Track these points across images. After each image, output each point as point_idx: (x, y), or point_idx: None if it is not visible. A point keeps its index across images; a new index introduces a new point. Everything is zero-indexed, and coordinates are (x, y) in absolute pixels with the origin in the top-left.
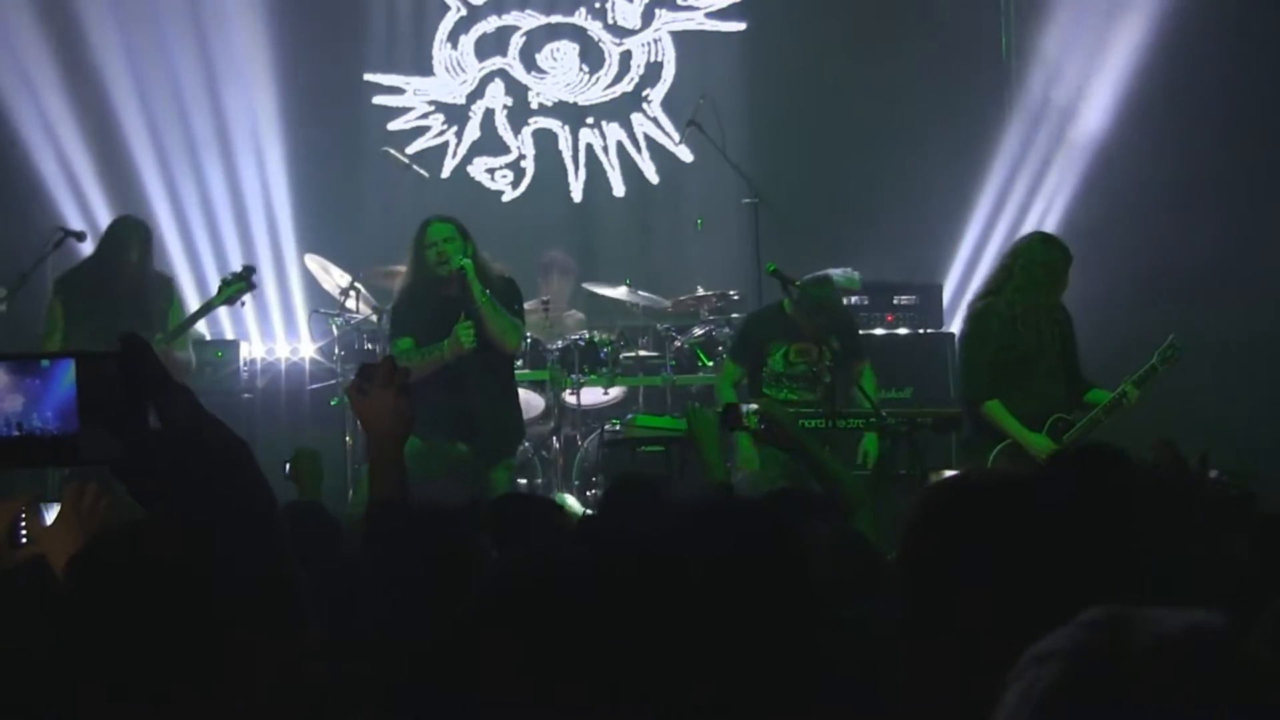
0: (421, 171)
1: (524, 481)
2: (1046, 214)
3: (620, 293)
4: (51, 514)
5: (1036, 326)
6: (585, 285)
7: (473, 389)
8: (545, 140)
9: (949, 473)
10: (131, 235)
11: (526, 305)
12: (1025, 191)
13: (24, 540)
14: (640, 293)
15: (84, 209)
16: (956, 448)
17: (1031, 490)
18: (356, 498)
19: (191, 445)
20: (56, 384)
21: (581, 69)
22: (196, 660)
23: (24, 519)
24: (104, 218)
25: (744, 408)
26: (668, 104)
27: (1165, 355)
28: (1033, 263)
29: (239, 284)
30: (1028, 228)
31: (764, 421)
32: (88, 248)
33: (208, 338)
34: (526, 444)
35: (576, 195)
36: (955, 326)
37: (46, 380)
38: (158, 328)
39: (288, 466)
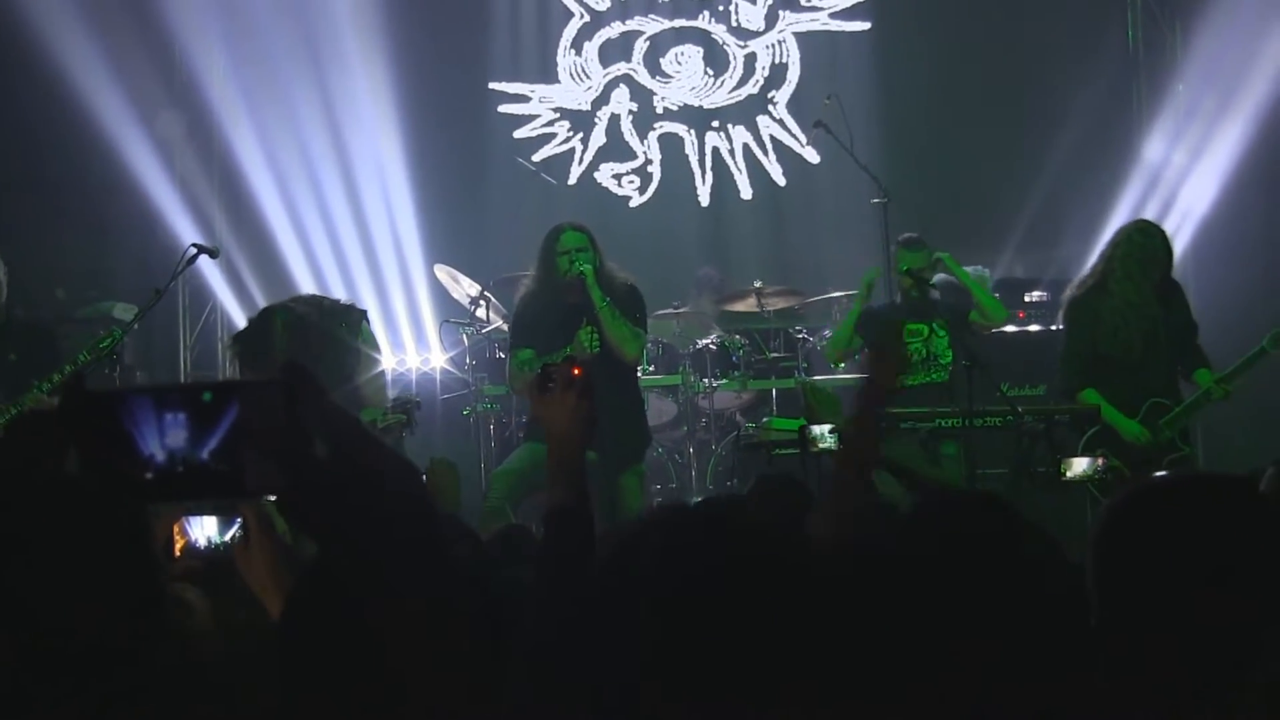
0: (549, 178)
1: (659, 486)
2: (1191, 207)
3: (750, 302)
4: (203, 526)
5: (1140, 314)
6: (723, 307)
7: (596, 397)
8: (671, 145)
9: (1079, 461)
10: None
11: (660, 312)
12: (1169, 185)
13: (178, 555)
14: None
15: (206, 229)
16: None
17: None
18: (488, 503)
19: (357, 475)
20: (219, 416)
21: (706, 72)
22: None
23: (178, 533)
24: (226, 237)
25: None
26: (794, 105)
27: (1276, 338)
28: (1131, 253)
29: (398, 416)
30: (1172, 221)
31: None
32: (215, 265)
33: None
34: (660, 449)
35: (704, 199)
36: None
37: (210, 412)
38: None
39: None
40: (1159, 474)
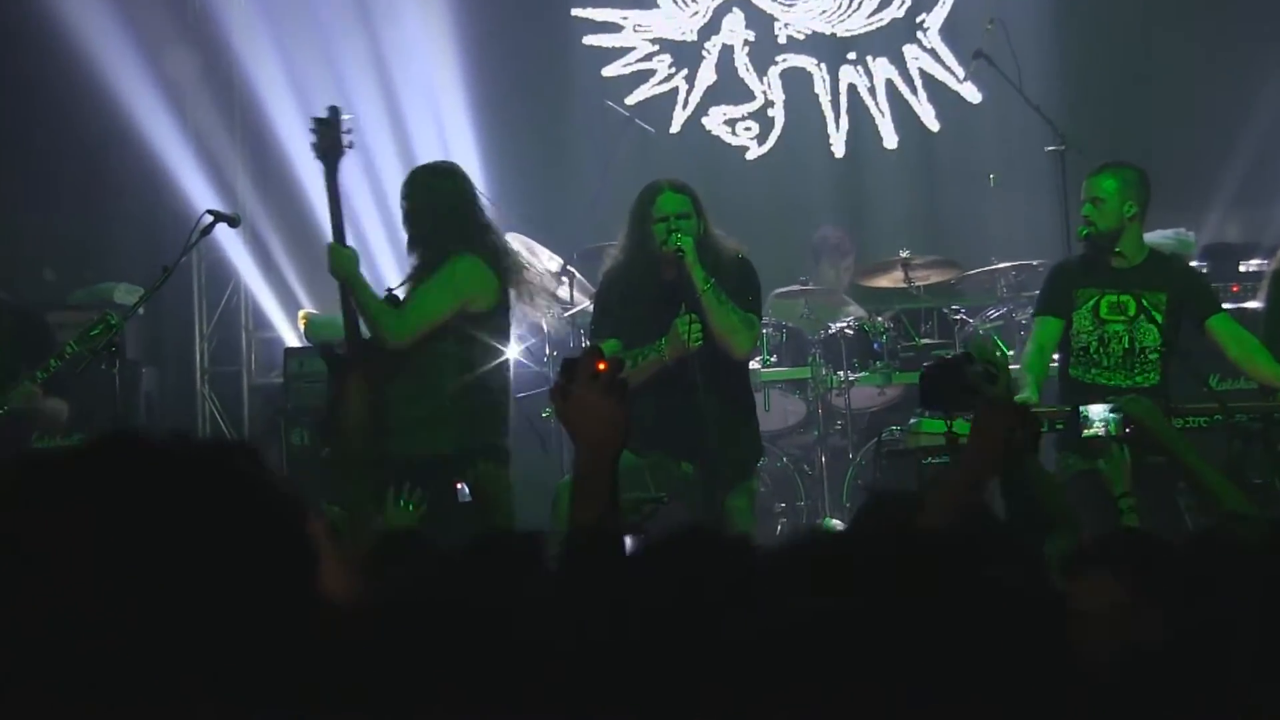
0: (646, 126)
1: (783, 505)
2: None
3: (896, 277)
4: None
5: None
6: (860, 281)
7: (698, 399)
8: (797, 83)
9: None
10: None
11: (784, 289)
12: None
13: None
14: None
15: (226, 192)
16: None
17: None
18: (556, 518)
19: None
20: None
21: None
22: None
23: None
24: (250, 200)
25: (1088, 411)
26: (949, 32)
27: None
28: None
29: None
30: None
31: (1129, 425)
32: (236, 235)
33: None
34: (784, 458)
35: (838, 149)
36: None
37: None
38: None
39: (464, 488)
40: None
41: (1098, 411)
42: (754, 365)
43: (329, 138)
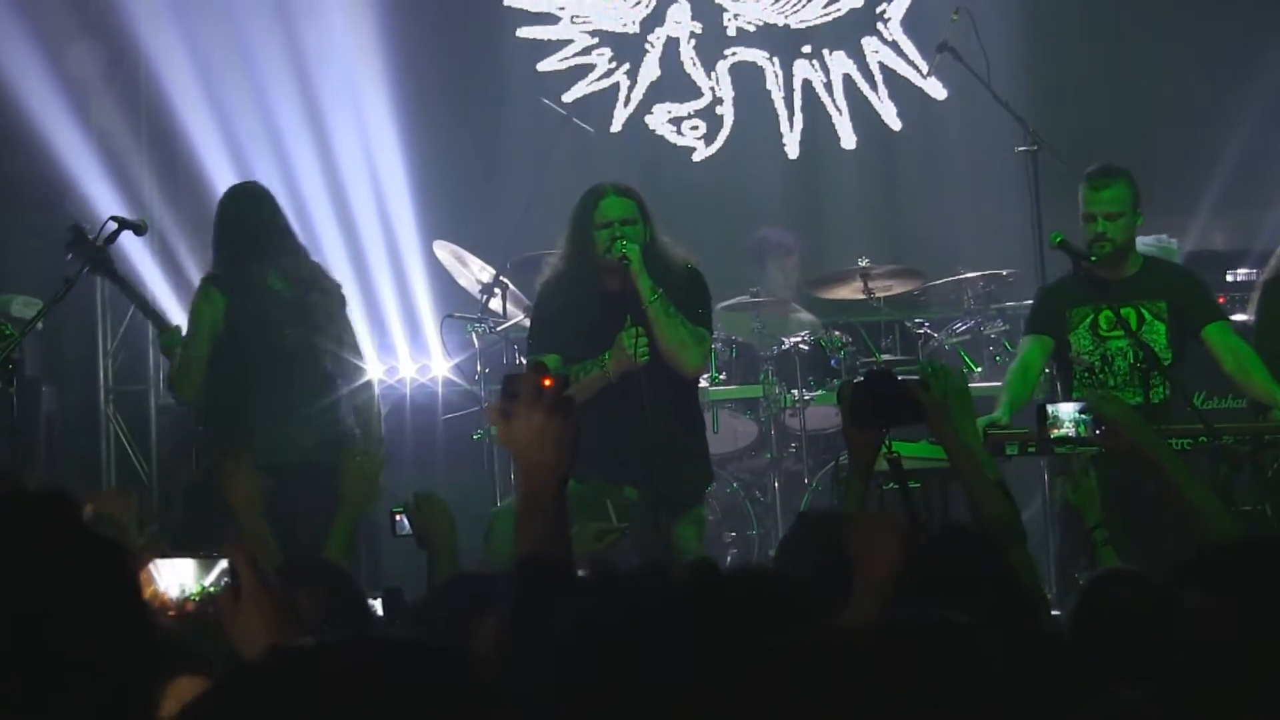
0: (585, 126)
1: (734, 534)
2: None
3: (854, 288)
4: (176, 571)
5: None
6: (815, 292)
7: (644, 419)
8: (748, 78)
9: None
10: None
11: (732, 301)
12: None
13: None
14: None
15: (131, 197)
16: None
17: None
18: (490, 549)
19: None
20: None
21: None
22: None
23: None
24: (157, 206)
25: (1057, 410)
26: (911, 23)
27: None
28: None
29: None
30: None
31: (1101, 426)
32: (143, 243)
33: None
34: (735, 484)
35: (792, 150)
36: None
37: None
38: None
39: (403, 520)
40: None
41: (1067, 411)
42: (702, 383)
43: (86, 249)
